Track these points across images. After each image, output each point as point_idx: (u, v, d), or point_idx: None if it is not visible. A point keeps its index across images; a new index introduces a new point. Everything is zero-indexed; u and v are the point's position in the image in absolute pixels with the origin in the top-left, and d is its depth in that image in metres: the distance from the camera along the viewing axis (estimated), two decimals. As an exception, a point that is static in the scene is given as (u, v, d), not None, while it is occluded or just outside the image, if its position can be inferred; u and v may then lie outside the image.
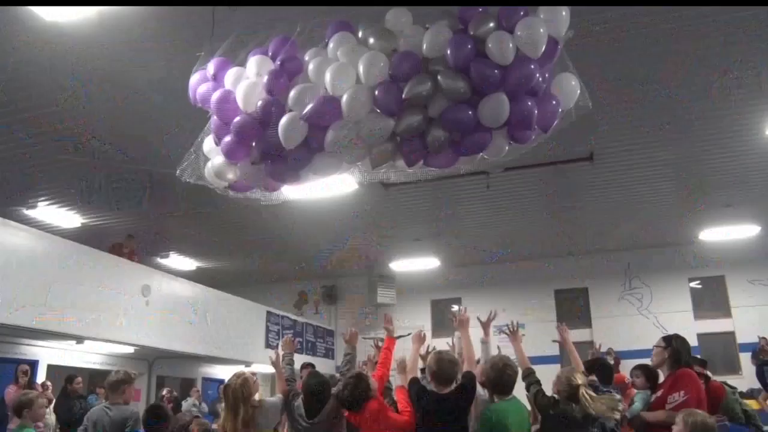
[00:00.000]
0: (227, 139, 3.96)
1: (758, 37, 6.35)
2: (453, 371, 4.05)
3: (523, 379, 4.32)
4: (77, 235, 10.84)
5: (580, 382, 4.09)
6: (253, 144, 3.91)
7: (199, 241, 13.29)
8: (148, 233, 12.09)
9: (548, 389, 4.37)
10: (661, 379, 4.88)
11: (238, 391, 4.31)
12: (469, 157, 3.78)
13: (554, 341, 5.13)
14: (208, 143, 4.23)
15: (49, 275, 8.50)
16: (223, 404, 4.58)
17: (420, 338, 4.70)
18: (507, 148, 3.80)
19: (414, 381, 4.16)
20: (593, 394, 4.08)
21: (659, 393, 4.64)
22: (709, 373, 5.97)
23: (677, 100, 7.65)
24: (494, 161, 3.94)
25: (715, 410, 5.28)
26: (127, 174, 9.43)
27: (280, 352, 4.97)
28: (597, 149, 8.97)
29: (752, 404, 8.43)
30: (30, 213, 10.80)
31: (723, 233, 13.00)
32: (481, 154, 3.77)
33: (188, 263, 14.70)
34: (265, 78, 3.81)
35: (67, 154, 8.65)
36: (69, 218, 11.28)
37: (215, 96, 4.01)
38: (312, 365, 8.06)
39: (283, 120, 3.68)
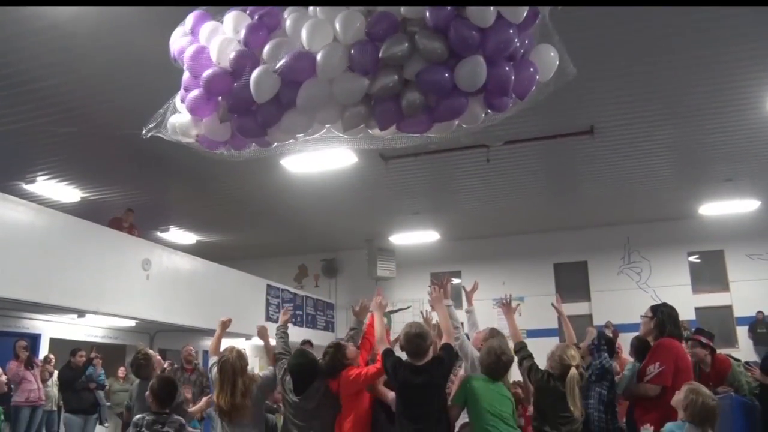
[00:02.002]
0: (194, 93, 3.84)
1: (759, 11, 6.28)
2: (422, 343, 4.04)
3: (516, 353, 4.35)
4: (77, 210, 10.86)
5: (573, 363, 4.14)
6: (221, 99, 3.79)
7: (198, 215, 13.32)
8: (148, 207, 12.09)
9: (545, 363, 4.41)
10: None
11: (236, 364, 4.34)
12: (443, 123, 3.68)
13: (552, 305, 5.18)
14: (179, 99, 4.11)
15: (50, 250, 8.52)
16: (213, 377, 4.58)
17: (380, 307, 4.59)
18: (483, 116, 3.69)
19: (388, 353, 4.15)
20: (579, 379, 4.14)
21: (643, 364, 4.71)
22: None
23: (678, 74, 7.59)
24: (493, 137, 3.88)
25: (721, 382, 5.34)
26: (126, 147, 9.40)
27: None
28: (597, 123, 8.93)
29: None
30: (29, 188, 10.79)
31: (723, 207, 13.02)
32: (456, 121, 3.67)
33: (188, 237, 14.73)
34: (242, 33, 3.69)
35: (66, 128, 8.61)
36: (68, 193, 11.28)
37: (188, 51, 3.89)
38: (310, 343, 8.04)
39: (255, 72, 3.56)
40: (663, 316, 4.74)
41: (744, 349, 12.58)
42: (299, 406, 4.34)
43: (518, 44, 3.43)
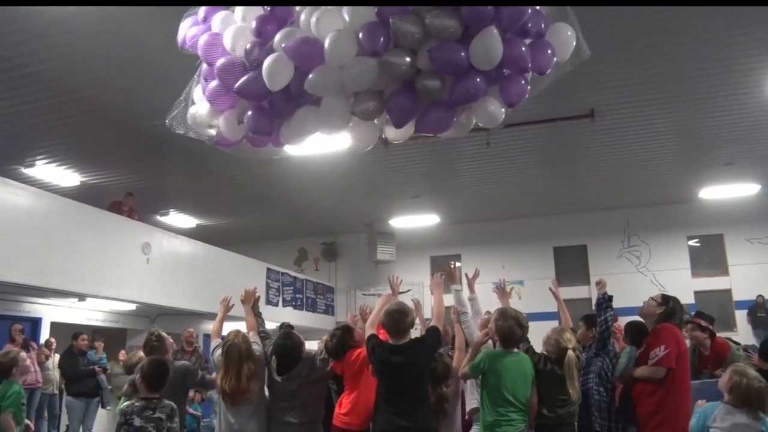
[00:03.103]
0: (214, 84, 3.81)
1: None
2: (401, 319, 4.01)
3: None
4: (76, 194, 10.83)
5: (570, 345, 4.17)
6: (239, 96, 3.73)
7: (198, 199, 13.30)
8: (148, 191, 12.07)
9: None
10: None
11: (242, 348, 4.32)
12: (461, 122, 3.60)
13: (549, 289, 5.21)
14: (198, 91, 4.07)
15: (50, 234, 8.52)
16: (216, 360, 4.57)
17: (386, 297, 4.61)
18: (503, 112, 3.56)
19: (372, 335, 4.13)
20: (577, 361, 4.19)
21: (643, 348, 4.71)
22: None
23: (679, 57, 7.55)
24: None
25: (720, 365, 5.36)
26: (125, 131, 9.37)
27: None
28: (598, 106, 8.89)
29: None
30: (28, 171, 10.77)
31: (723, 191, 13.01)
32: (474, 119, 3.61)
33: (188, 221, 14.72)
34: (254, 22, 3.64)
35: (65, 112, 8.58)
36: (67, 177, 11.26)
37: (202, 39, 3.85)
38: (290, 325, 7.99)
39: (268, 59, 3.48)
40: (673, 310, 4.74)
41: (743, 333, 12.61)
42: (282, 386, 4.40)
43: (532, 19, 3.35)
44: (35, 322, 11.12)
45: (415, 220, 14.97)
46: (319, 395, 4.48)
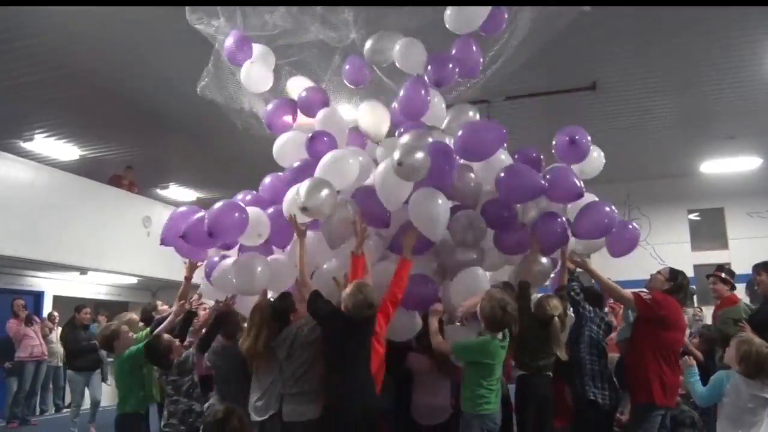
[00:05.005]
0: None
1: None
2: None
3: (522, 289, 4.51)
4: (76, 168, 10.81)
5: (556, 313, 4.31)
6: None
7: (199, 172, 13.24)
8: (148, 164, 12.03)
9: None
10: None
11: (266, 312, 4.25)
12: None
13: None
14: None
15: (51, 208, 8.54)
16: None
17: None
18: None
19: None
20: (560, 326, 4.30)
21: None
22: None
23: (681, 30, 7.46)
24: (494, 92, 3.83)
25: None
26: (124, 103, 9.31)
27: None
28: (600, 79, 8.82)
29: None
30: (27, 145, 10.71)
31: (724, 165, 12.98)
32: None
33: (188, 194, 14.68)
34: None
35: (62, 84, 8.52)
36: (67, 150, 11.19)
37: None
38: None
39: None
40: (680, 285, 4.76)
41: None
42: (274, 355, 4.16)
43: None
44: (38, 296, 11.20)
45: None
46: (312, 364, 4.05)
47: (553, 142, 4.86)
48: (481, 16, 4.99)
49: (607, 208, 4.66)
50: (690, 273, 13.00)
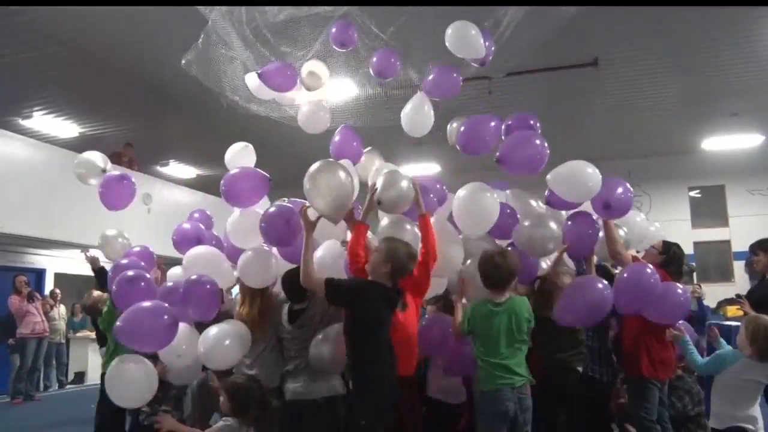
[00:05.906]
0: None
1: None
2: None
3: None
4: (75, 145, 10.76)
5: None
6: None
7: (198, 149, 13.20)
8: (147, 141, 11.99)
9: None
10: None
11: None
12: None
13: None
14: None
15: (51, 185, 8.53)
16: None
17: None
18: None
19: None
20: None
21: None
22: None
23: (684, 6, 7.34)
24: (495, 68, 3.82)
25: None
26: (123, 79, 9.25)
27: None
28: (602, 54, 8.76)
29: (733, 311, 8.69)
30: (26, 123, 10.68)
31: (726, 142, 12.94)
32: None
33: (188, 171, 14.68)
34: None
35: (61, 61, 8.45)
36: (66, 128, 11.17)
37: None
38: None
39: None
40: (673, 256, 4.73)
41: (740, 284, 12.72)
42: (295, 335, 3.98)
43: None
44: (39, 274, 11.24)
45: (416, 169, 14.78)
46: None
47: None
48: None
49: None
50: (690, 250, 13.04)
